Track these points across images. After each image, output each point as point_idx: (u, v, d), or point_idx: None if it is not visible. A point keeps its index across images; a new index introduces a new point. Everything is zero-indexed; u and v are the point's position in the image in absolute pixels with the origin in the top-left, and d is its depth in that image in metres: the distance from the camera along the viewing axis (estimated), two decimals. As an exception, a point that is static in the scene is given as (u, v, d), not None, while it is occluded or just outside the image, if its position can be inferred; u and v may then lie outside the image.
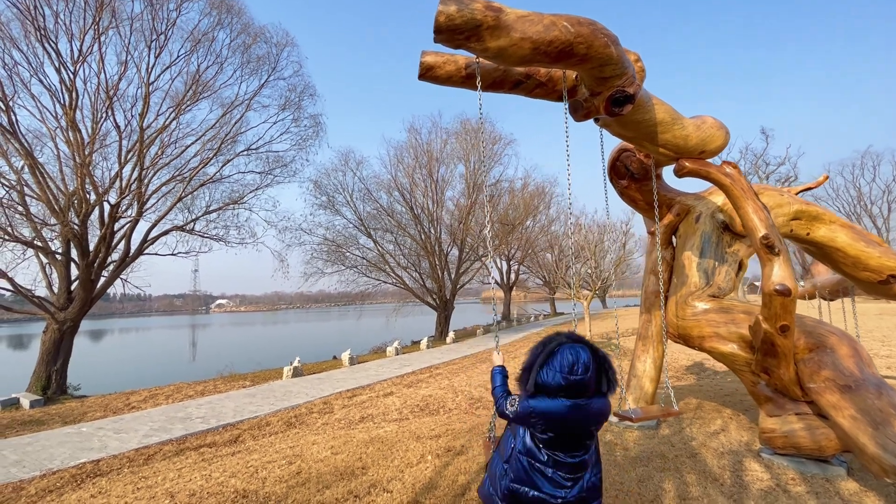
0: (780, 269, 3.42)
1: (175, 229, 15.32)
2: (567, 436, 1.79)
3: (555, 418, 1.76)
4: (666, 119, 3.54)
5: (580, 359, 1.78)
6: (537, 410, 1.77)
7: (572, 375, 1.75)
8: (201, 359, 25.66)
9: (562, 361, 1.79)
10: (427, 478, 3.96)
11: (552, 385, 1.77)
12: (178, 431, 7.10)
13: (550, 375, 1.78)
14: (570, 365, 1.76)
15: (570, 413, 1.75)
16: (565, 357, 1.79)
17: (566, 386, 1.75)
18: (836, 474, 3.51)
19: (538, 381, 1.81)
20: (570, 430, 1.79)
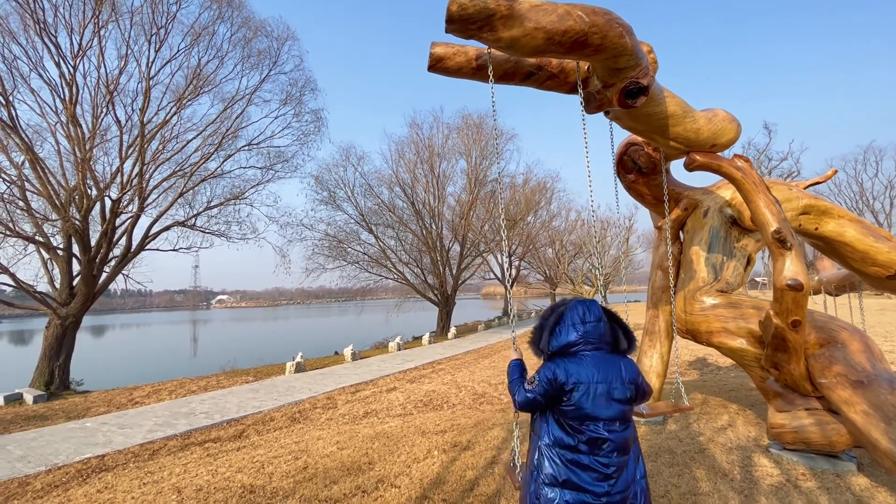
0: (792, 263, 3.38)
1: (176, 225, 15.29)
2: (594, 395, 1.68)
3: (579, 372, 1.69)
4: (677, 112, 3.49)
5: (591, 308, 1.81)
6: (560, 369, 1.71)
7: (585, 324, 1.76)
8: (203, 354, 25.71)
9: (573, 316, 1.80)
10: (434, 473, 3.95)
11: (569, 341, 1.76)
12: (183, 427, 7.10)
13: (565, 332, 1.78)
14: (581, 315, 1.78)
15: (594, 364, 1.72)
16: (576, 311, 1.80)
17: (582, 336, 1.75)
18: (846, 470, 3.49)
19: (554, 345, 1.81)
20: (598, 387, 1.69)
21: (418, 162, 22.73)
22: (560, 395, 1.72)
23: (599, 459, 1.67)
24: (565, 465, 1.68)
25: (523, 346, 2.26)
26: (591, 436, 1.68)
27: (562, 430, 1.73)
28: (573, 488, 1.65)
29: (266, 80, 15.36)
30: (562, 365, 1.74)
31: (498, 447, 4.58)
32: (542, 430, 1.79)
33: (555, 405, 1.75)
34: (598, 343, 1.79)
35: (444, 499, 3.39)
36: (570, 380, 1.70)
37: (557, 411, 1.75)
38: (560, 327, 1.84)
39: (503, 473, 3.56)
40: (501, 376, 10.17)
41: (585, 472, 1.66)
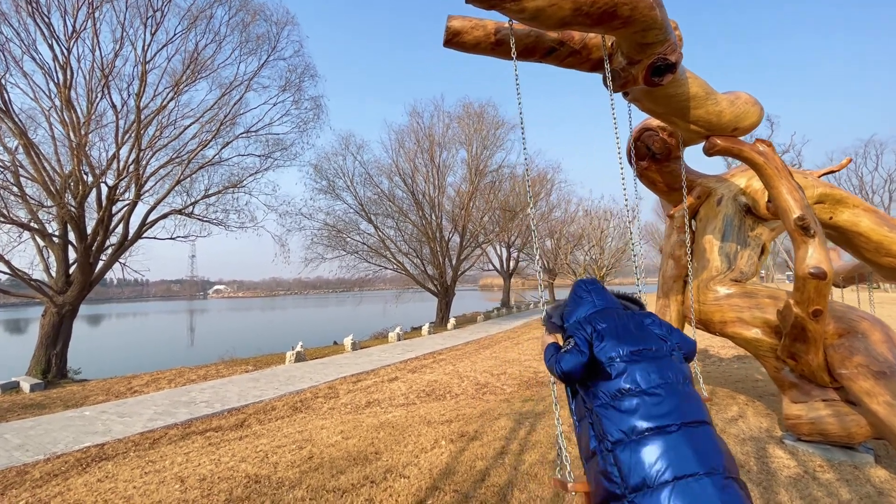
0: (815, 251, 3.29)
1: (174, 213, 15.08)
2: (624, 331, 1.67)
3: (602, 312, 1.79)
4: (700, 94, 3.36)
5: (590, 280, 2.00)
6: (584, 322, 1.77)
7: (591, 292, 1.91)
8: (201, 344, 25.63)
9: (577, 291, 1.97)
10: (443, 463, 3.88)
11: (581, 309, 1.87)
12: (183, 416, 7.02)
13: (576, 305, 1.90)
14: (585, 287, 1.95)
15: (613, 314, 1.78)
16: (578, 286, 1.99)
17: (592, 300, 1.88)
18: (864, 461, 3.44)
19: (569, 320, 1.88)
20: (622, 323, 1.71)
21: (419, 151, 22.51)
22: (591, 342, 1.67)
23: (656, 391, 1.53)
24: (626, 411, 1.52)
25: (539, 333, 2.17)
26: (633, 368, 1.57)
27: (607, 380, 1.59)
28: (645, 432, 1.46)
29: (265, 65, 15.06)
30: (584, 322, 1.79)
31: (506, 437, 4.51)
32: (590, 397, 1.64)
33: (592, 369, 1.64)
34: (608, 304, 1.88)
35: (455, 489, 3.32)
36: (597, 325, 1.72)
37: (596, 368, 1.63)
38: (570, 305, 1.95)
39: (552, 485, 3.23)
40: (503, 366, 10.12)
41: (648, 406, 1.50)
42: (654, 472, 1.39)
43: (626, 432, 1.48)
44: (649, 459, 1.41)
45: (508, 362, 10.63)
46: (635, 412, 1.50)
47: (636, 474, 1.41)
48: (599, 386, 1.62)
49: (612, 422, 1.52)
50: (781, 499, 2.91)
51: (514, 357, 11.28)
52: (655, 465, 1.39)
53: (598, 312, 1.82)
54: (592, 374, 1.65)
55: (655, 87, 2.74)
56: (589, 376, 1.66)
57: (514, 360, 10.94)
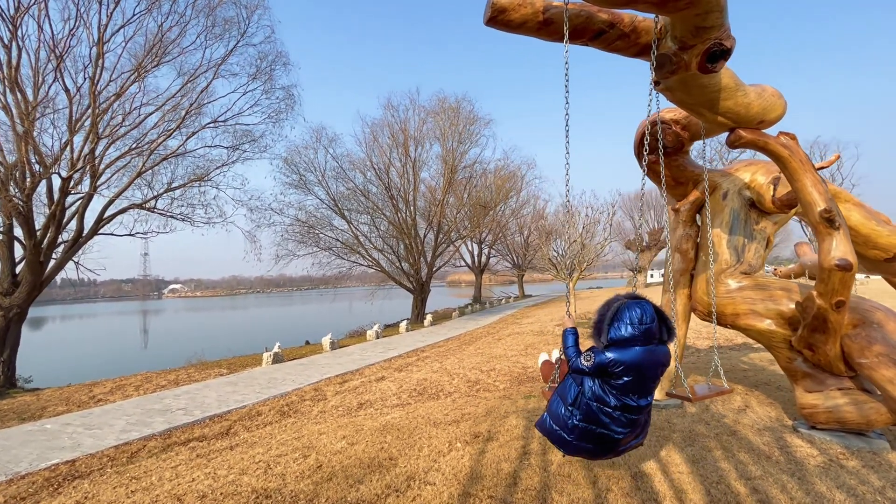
0: (839, 243, 3.34)
1: (134, 207, 14.10)
2: (640, 380, 2.08)
3: (631, 364, 2.04)
4: (730, 84, 3.33)
5: (646, 311, 2.11)
6: (616, 360, 2.05)
7: (642, 325, 2.06)
8: (164, 346, 24.21)
9: (631, 316, 2.10)
10: (467, 467, 3.71)
11: (625, 337, 2.06)
12: (160, 425, 6.49)
13: (623, 329, 2.08)
14: (638, 317, 2.08)
15: (644, 358, 2.06)
16: (633, 312, 2.10)
17: (639, 335, 2.06)
18: (881, 447, 3.54)
19: (612, 337, 2.10)
20: (643, 374, 2.08)
21: (393, 145, 22.07)
22: (608, 374, 2.09)
23: (627, 415, 2.14)
24: (600, 413, 2.14)
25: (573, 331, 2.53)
26: (628, 403, 2.12)
27: (603, 392, 2.13)
28: (601, 426, 2.15)
29: (233, 52, 14.24)
30: (619, 355, 2.06)
31: (522, 436, 4.39)
32: (586, 385, 2.18)
33: (602, 376, 2.13)
34: (649, 340, 2.11)
35: (490, 495, 3.16)
36: (620, 369, 2.05)
37: (604, 380, 2.13)
38: (617, 323, 2.12)
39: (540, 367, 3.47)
40: (491, 362, 10.04)
41: (613, 421, 2.14)
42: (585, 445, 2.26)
43: (589, 420, 2.17)
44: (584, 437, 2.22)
45: (495, 358, 10.57)
46: (604, 418, 2.15)
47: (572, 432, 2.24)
48: (596, 388, 2.16)
49: (587, 410, 2.16)
50: (820, 489, 2.93)
51: (499, 353, 11.23)
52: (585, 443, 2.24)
53: (633, 364, 2.07)
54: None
55: (708, 73, 2.66)
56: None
57: (500, 355, 10.89)
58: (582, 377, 2.22)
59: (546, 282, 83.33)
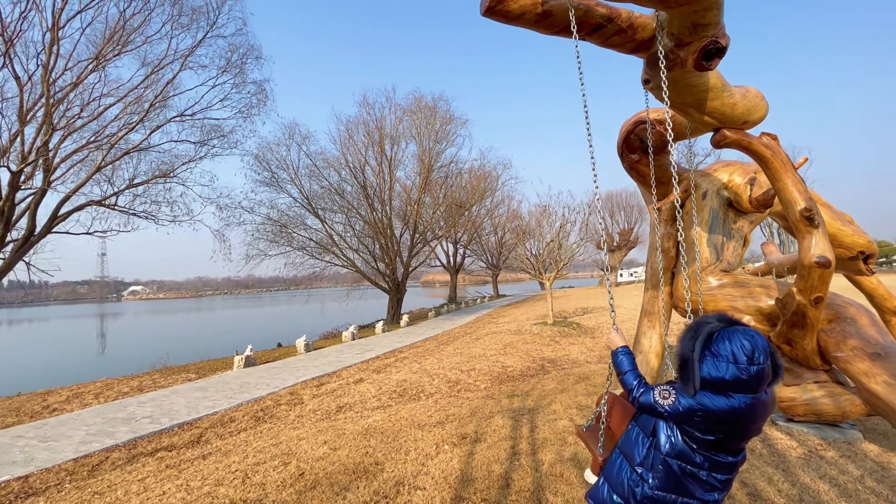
0: (819, 241, 3.44)
1: (92, 204, 13.33)
2: (737, 437, 1.50)
3: (730, 418, 1.44)
4: (717, 84, 3.37)
5: (758, 345, 1.44)
6: (709, 410, 1.45)
7: (753, 366, 1.42)
8: (125, 351, 23.02)
9: (734, 350, 1.46)
10: (457, 470, 3.62)
11: (726, 380, 1.44)
12: (124, 435, 6.11)
13: (724, 367, 1.45)
14: (748, 353, 1.43)
15: (748, 411, 1.45)
16: (740, 344, 1.45)
17: (746, 380, 1.42)
18: (854, 438, 3.68)
19: (705, 377, 1.48)
20: (743, 430, 1.49)
21: (369, 144, 21.76)
22: (691, 425, 1.50)
23: (717, 476, 1.51)
24: (683, 475, 1.52)
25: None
26: (716, 461, 1.50)
27: (688, 447, 1.52)
28: (684, 494, 1.52)
29: (202, 43, 13.69)
30: (714, 404, 1.46)
31: (510, 437, 4.35)
32: (661, 434, 1.57)
33: (683, 424, 1.54)
34: (758, 386, 1.46)
35: (483, 498, 3.08)
36: (716, 424, 1.46)
37: (685, 430, 1.53)
38: (714, 358, 1.49)
39: (577, 436, 3.20)
40: (471, 362, 10.00)
41: (699, 486, 1.51)
42: None
43: (670, 488, 1.53)
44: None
45: (475, 358, 10.53)
46: (689, 482, 1.52)
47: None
48: (677, 441, 1.55)
49: (666, 473, 1.54)
50: (804, 480, 3.00)
51: (478, 353, 11.20)
52: None
53: (732, 418, 1.46)
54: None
55: (704, 70, 2.67)
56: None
57: (479, 355, 10.86)
58: (655, 422, 1.61)
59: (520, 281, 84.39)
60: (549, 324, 13.57)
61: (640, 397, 1.62)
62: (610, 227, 41.48)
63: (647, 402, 1.59)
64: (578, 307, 20.98)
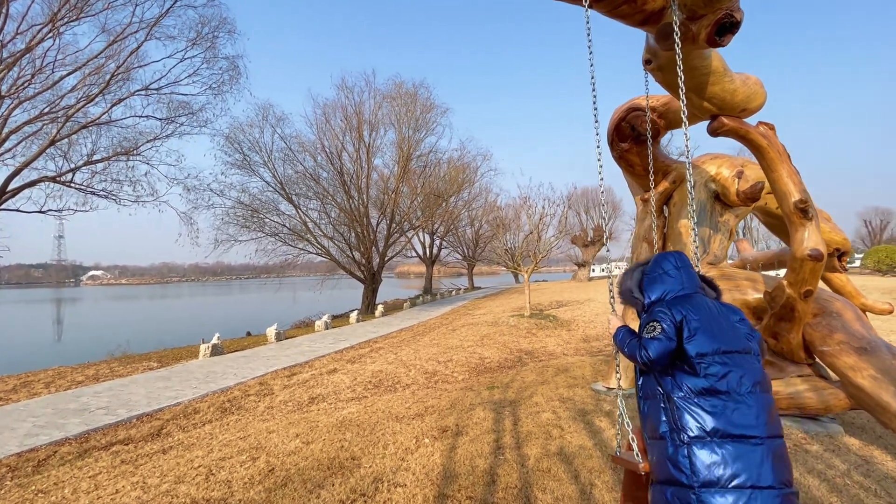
0: (811, 233, 3.40)
1: (45, 180, 12.42)
2: (720, 330, 1.57)
3: (691, 307, 1.61)
4: (719, 69, 3.26)
5: (680, 257, 1.76)
6: (672, 308, 1.62)
7: (681, 269, 1.72)
8: (81, 338, 21.81)
9: (664, 265, 1.77)
10: (438, 464, 3.44)
11: (668, 289, 1.70)
12: (76, 427, 5.66)
13: (660, 281, 1.74)
14: (674, 262, 1.74)
15: (701, 301, 1.65)
16: (666, 260, 1.77)
17: (681, 281, 1.70)
18: (836, 431, 3.69)
19: (652, 297, 1.74)
20: (717, 321, 1.60)
21: (347, 129, 21.13)
22: (680, 337, 1.58)
23: (745, 398, 1.49)
24: (711, 413, 1.48)
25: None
26: (725, 370, 1.51)
27: (693, 375, 1.54)
28: (727, 437, 1.44)
29: (169, 12, 12.83)
30: (671, 305, 1.65)
31: (493, 430, 4.20)
32: (668, 385, 1.59)
33: (676, 358, 1.59)
34: (695, 288, 1.73)
35: (469, 496, 2.91)
36: (689, 315, 1.60)
37: (681, 358, 1.58)
38: (651, 281, 1.78)
39: (612, 464, 3.06)
40: (448, 353, 9.85)
41: (735, 412, 1.47)
42: (730, 475, 1.40)
43: (709, 432, 1.46)
44: (727, 462, 1.41)
45: (451, 349, 10.38)
46: (721, 415, 1.47)
47: (711, 472, 1.42)
48: (684, 379, 1.57)
49: (694, 418, 1.50)
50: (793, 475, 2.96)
51: (455, 343, 11.06)
52: (732, 470, 1.40)
53: (685, 298, 1.69)
54: (675, 363, 1.60)
55: (716, 46, 2.52)
56: (671, 364, 1.61)
57: (456, 346, 10.72)
58: (664, 382, 1.60)
59: (494, 274, 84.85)
60: (526, 316, 13.57)
61: (642, 356, 1.60)
62: (584, 222, 42.09)
63: (657, 347, 1.57)
64: (553, 300, 21.14)
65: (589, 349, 9.78)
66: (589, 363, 7.50)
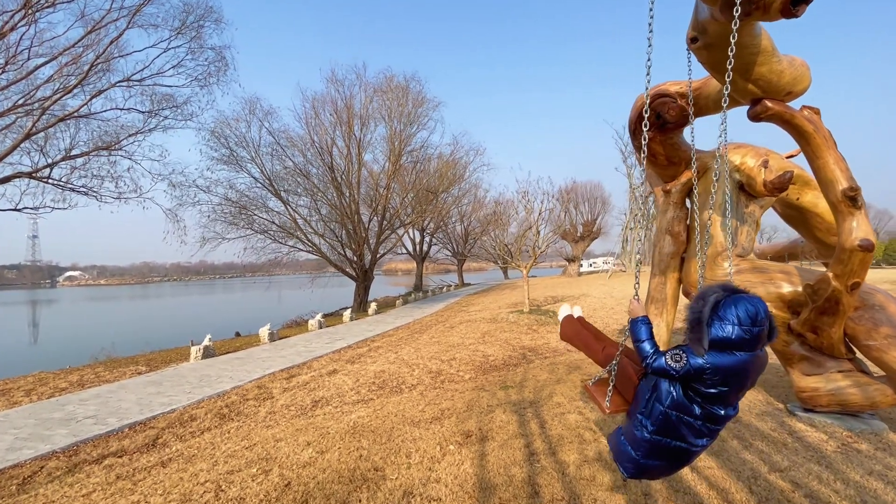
0: (861, 223, 3.24)
1: (20, 176, 11.76)
2: (736, 390, 1.69)
3: (734, 373, 1.64)
4: (768, 48, 3.06)
5: (760, 308, 1.64)
6: (715, 367, 1.63)
7: (756, 327, 1.61)
8: (61, 342, 20.97)
9: (740, 313, 1.65)
10: (471, 475, 3.20)
11: (732, 340, 1.62)
12: (63, 439, 5.26)
13: (729, 329, 1.64)
14: (752, 316, 1.62)
15: (750, 366, 1.66)
16: (744, 308, 1.64)
17: (748, 339, 1.61)
18: (880, 428, 3.56)
19: (714, 337, 1.65)
20: (742, 384, 1.70)
21: (337, 123, 20.61)
22: (699, 381, 1.67)
23: (709, 425, 1.72)
24: (679, 424, 1.73)
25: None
26: (715, 413, 1.70)
27: (688, 400, 1.71)
28: (677, 438, 1.75)
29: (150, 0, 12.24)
30: (722, 362, 1.64)
31: (520, 434, 3.97)
32: (662, 389, 1.77)
33: (690, 382, 1.71)
34: (757, 345, 1.66)
35: (513, 511, 2.67)
36: (724, 379, 1.64)
37: (690, 387, 1.71)
38: (721, 322, 1.66)
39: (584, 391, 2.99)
40: (450, 351, 9.61)
41: (693, 433, 1.73)
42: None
43: (664, 432, 1.76)
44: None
45: (453, 347, 10.14)
46: (684, 429, 1.73)
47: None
48: (679, 395, 1.73)
49: (665, 422, 1.74)
50: (853, 477, 2.80)
51: (456, 341, 10.83)
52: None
53: (735, 373, 1.65)
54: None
55: (790, 17, 2.31)
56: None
57: (457, 344, 10.49)
58: (657, 379, 1.80)
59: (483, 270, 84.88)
60: (526, 312, 13.40)
61: (654, 363, 1.77)
62: (574, 218, 42.16)
63: (660, 367, 1.74)
64: (548, 296, 21.06)
65: (593, 345, 9.63)
66: (599, 360, 7.32)
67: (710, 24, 2.81)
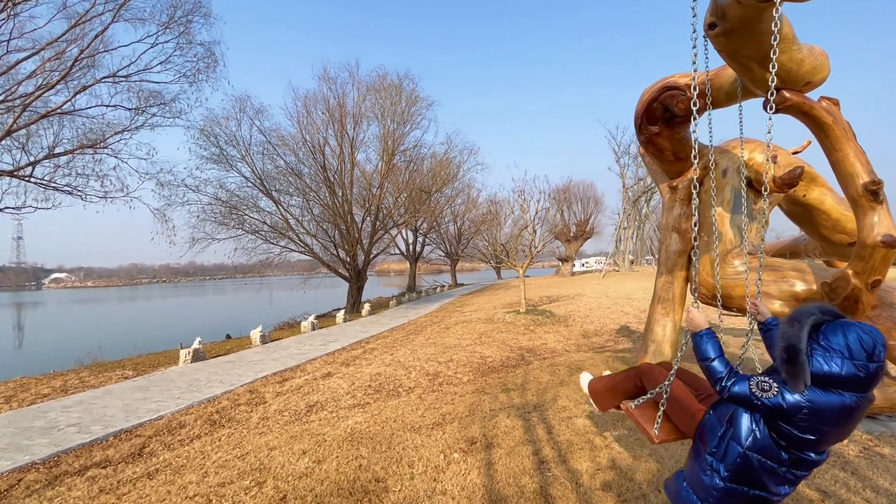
0: (883, 218, 3.12)
1: (2, 174, 11.36)
2: (835, 436, 1.41)
3: (835, 416, 1.33)
4: (789, 35, 2.93)
5: (878, 341, 1.34)
6: (817, 407, 1.33)
7: (872, 363, 1.33)
8: (45, 345, 20.43)
9: (851, 344, 1.35)
10: (479, 486, 3.02)
11: (842, 376, 1.33)
12: (43, 449, 5.00)
13: (838, 364, 1.34)
14: (870, 349, 1.33)
15: (857, 412, 1.36)
16: (859, 338, 1.34)
17: (863, 377, 1.33)
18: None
19: (817, 373, 1.35)
20: (843, 431, 1.40)
21: (329, 122, 20.33)
22: (788, 421, 1.39)
23: (795, 472, 1.45)
24: (761, 470, 1.45)
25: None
26: (801, 459, 1.42)
27: (773, 442, 1.43)
28: (756, 487, 1.47)
29: (137, -7, 11.90)
30: (816, 398, 1.35)
31: (526, 440, 3.80)
32: (742, 426, 1.50)
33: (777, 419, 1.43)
34: (870, 384, 1.37)
35: (528, 526, 2.50)
36: (816, 421, 1.35)
37: (776, 426, 1.43)
38: (825, 353, 1.38)
39: (625, 412, 2.72)
40: (447, 353, 9.42)
41: (775, 479, 1.45)
42: None
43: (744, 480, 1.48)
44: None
45: (450, 348, 9.96)
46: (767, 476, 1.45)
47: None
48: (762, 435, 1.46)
49: (745, 466, 1.47)
50: (882, 484, 2.68)
51: (452, 342, 10.65)
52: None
53: (836, 417, 1.35)
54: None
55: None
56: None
57: (453, 345, 10.31)
58: (734, 412, 1.53)
59: (475, 270, 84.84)
60: (522, 312, 13.27)
61: (733, 387, 1.50)
62: (567, 217, 42.19)
63: (742, 394, 1.48)
64: (543, 296, 20.97)
65: (591, 345, 9.52)
66: (600, 360, 7.20)
67: (731, 8, 2.67)
